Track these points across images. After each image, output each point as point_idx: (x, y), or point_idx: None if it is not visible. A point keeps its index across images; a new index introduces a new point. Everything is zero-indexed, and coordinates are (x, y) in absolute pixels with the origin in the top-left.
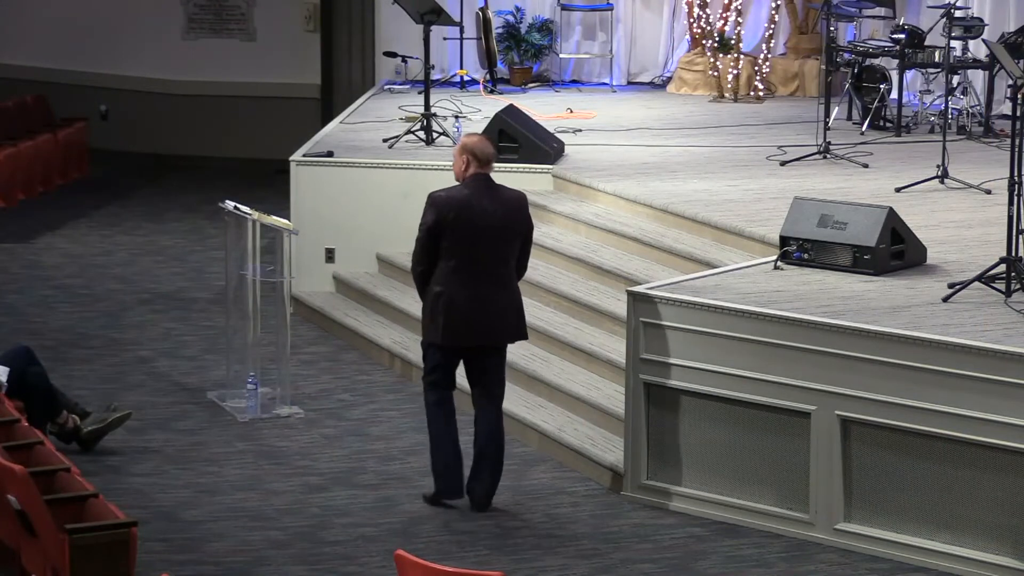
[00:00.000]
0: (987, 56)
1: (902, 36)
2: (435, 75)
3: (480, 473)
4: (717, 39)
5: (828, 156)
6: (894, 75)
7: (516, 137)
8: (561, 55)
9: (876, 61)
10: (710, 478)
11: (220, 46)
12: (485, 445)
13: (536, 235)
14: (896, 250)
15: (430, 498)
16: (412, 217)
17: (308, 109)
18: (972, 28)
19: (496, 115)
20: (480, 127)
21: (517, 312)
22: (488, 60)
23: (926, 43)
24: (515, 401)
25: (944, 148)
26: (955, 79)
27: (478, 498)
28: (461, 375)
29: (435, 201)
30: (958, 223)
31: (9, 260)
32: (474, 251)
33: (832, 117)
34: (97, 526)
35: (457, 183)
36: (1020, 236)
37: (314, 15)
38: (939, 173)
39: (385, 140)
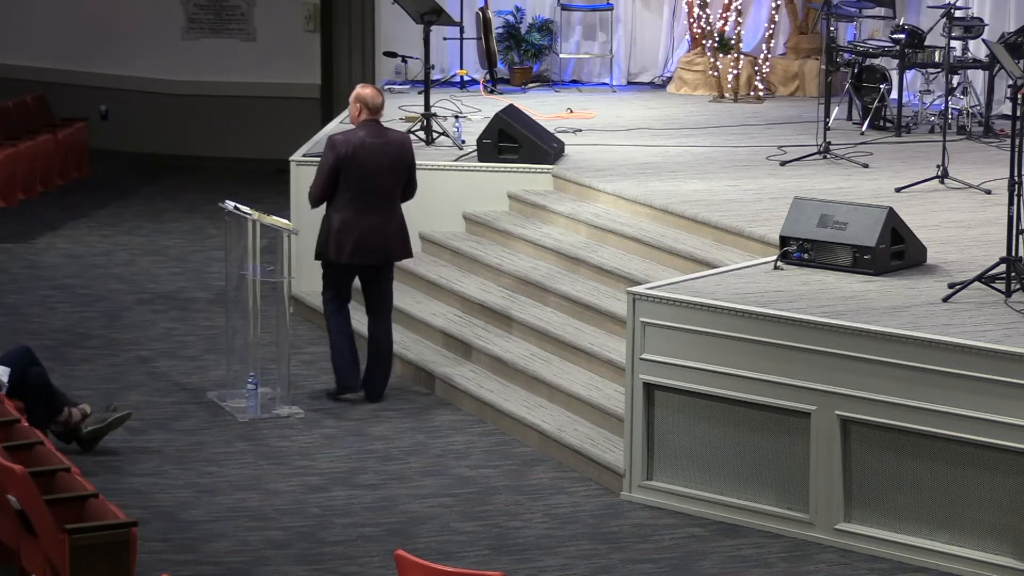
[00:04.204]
0: (987, 56)
1: (902, 36)
2: (435, 75)
3: (374, 370)
4: (717, 39)
5: (828, 156)
6: (894, 75)
7: (516, 137)
8: (561, 55)
9: (876, 61)
10: (710, 478)
11: (220, 46)
12: (378, 346)
13: (536, 235)
14: (896, 250)
15: (332, 394)
16: (413, 217)
17: (308, 109)
18: (972, 28)
19: (496, 115)
20: (480, 127)
21: (402, 235)
22: (488, 60)
23: (926, 43)
24: (515, 401)
25: (944, 148)
26: (955, 79)
27: (373, 391)
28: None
29: (334, 143)
30: (958, 223)
31: (9, 260)
32: (367, 183)
33: (832, 117)
34: (97, 526)
35: (352, 127)
36: (1020, 236)
37: (314, 15)
38: (939, 173)
39: None
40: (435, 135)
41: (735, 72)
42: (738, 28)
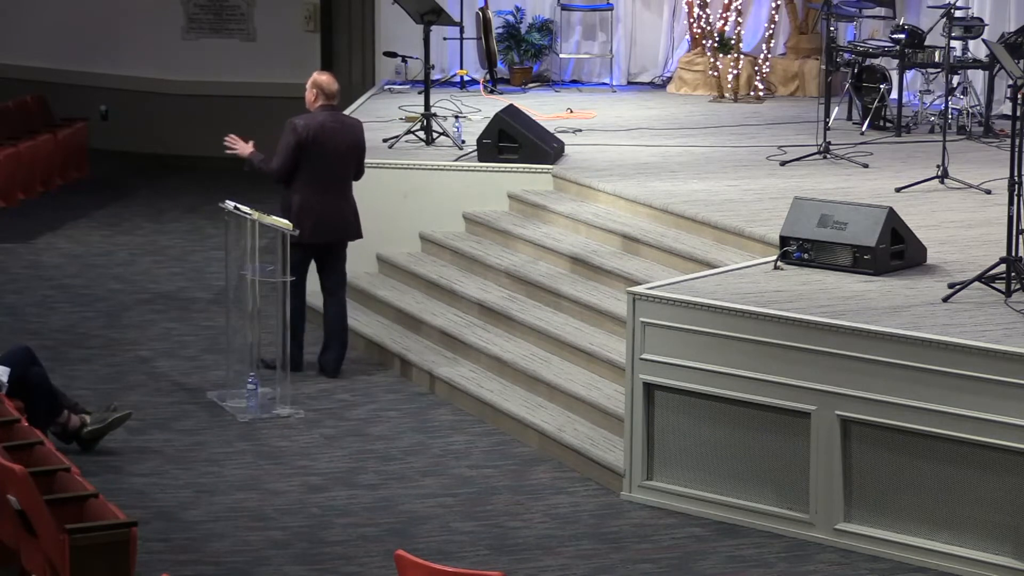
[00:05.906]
0: (987, 56)
1: (902, 36)
2: (435, 75)
3: (331, 346)
4: (717, 39)
5: (828, 156)
6: (894, 75)
7: (516, 137)
8: (561, 55)
9: (876, 61)
10: (710, 478)
11: (220, 46)
12: (334, 323)
13: (536, 235)
14: (896, 250)
15: (268, 363)
16: (413, 217)
17: None
18: (972, 28)
19: (496, 115)
20: (480, 127)
21: (355, 216)
22: (488, 60)
23: (926, 43)
24: (515, 401)
25: (944, 148)
26: (955, 79)
27: (331, 366)
28: None
29: (295, 127)
30: (958, 223)
31: (9, 260)
32: (326, 165)
33: (832, 117)
34: (97, 526)
35: (309, 111)
36: (1020, 236)
37: (314, 15)
38: (939, 173)
39: (385, 140)
40: (435, 135)
41: (735, 72)
42: (738, 28)
